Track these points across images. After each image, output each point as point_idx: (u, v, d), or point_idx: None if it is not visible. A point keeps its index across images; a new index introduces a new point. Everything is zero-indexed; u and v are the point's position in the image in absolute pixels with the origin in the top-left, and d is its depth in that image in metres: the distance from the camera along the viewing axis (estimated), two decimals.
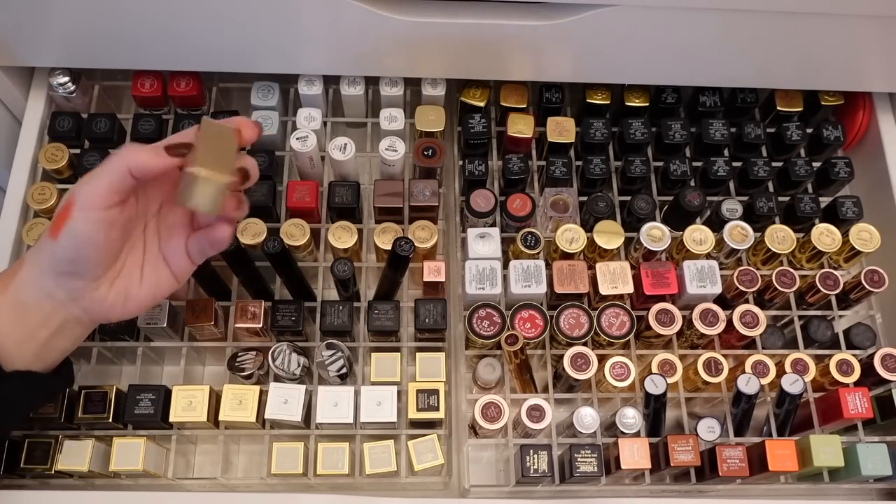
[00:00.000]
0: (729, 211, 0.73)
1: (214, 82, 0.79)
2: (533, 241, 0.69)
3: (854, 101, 0.79)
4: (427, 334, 0.68)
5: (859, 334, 0.71)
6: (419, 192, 0.71)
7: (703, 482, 0.64)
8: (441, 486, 0.67)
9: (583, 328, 0.66)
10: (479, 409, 0.63)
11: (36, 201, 0.69)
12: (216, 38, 0.67)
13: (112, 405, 0.62)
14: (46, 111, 0.75)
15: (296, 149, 0.70)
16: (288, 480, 0.63)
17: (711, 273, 0.68)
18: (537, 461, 0.61)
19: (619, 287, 0.68)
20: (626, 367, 0.65)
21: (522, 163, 0.73)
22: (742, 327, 0.66)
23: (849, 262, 0.73)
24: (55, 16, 0.65)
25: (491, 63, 0.71)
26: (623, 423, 0.63)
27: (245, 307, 0.65)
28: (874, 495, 0.69)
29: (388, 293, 0.68)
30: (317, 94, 0.75)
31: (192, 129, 0.49)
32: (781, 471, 0.61)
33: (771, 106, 0.78)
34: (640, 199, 0.72)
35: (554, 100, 0.77)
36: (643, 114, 0.77)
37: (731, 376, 0.67)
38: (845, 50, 0.68)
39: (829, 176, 0.75)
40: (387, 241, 0.69)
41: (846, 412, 0.63)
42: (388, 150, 0.71)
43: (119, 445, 0.62)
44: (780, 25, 0.64)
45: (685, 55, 0.69)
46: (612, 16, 0.62)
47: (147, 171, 0.47)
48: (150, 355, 0.69)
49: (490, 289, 0.67)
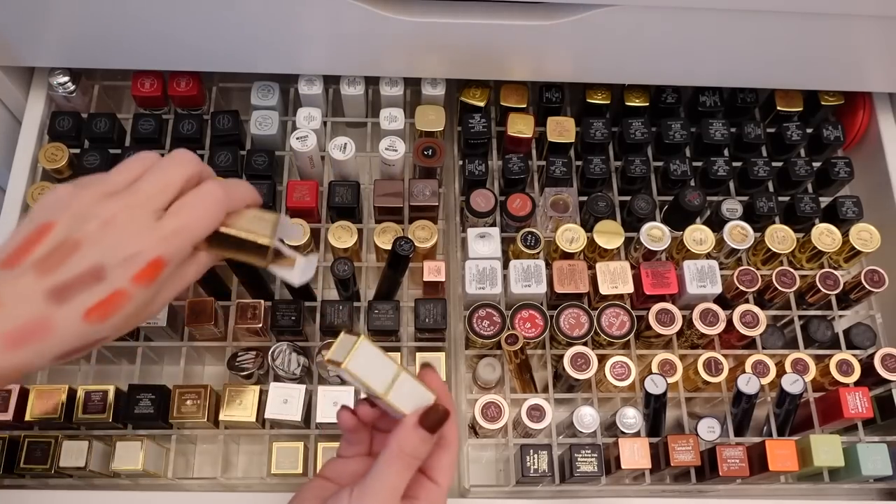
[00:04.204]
0: (729, 211, 0.73)
1: (214, 82, 0.79)
2: (533, 241, 0.69)
3: (854, 101, 0.79)
4: (427, 334, 0.68)
5: (859, 334, 0.71)
6: (419, 192, 0.71)
7: (703, 482, 0.64)
8: None
9: (583, 328, 0.66)
10: (479, 408, 0.63)
11: (36, 201, 0.69)
12: (216, 38, 0.67)
13: (112, 405, 0.62)
14: (46, 111, 0.75)
15: (296, 149, 0.70)
16: (288, 480, 0.63)
17: (711, 273, 0.68)
18: (537, 461, 0.61)
19: (619, 287, 0.67)
20: (626, 367, 0.65)
21: (522, 163, 0.73)
22: (742, 327, 0.66)
23: (849, 262, 0.73)
24: (55, 16, 0.65)
25: (491, 63, 0.71)
26: (623, 423, 0.63)
27: (245, 307, 0.65)
28: (874, 495, 0.69)
29: (388, 293, 0.68)
30: (317, 94, 0.75)
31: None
32: (781, 471, 0.61)
33: (771, 106, 0.78)
34: (640, 199, 0.72)
35: (554, 100, 0.77)
36: (643, 114, 0.77)
37: (731, 376, 0.66)
38: (845, 50, 0.68)
39: (829, 176, 0.75)
40: (387, 240, 0.69)
41: (846, 412, 0.63)
42: (388, 149, 0.71)
43: (119, 445, 0.62)
44: (780, 25, 0.64)
45: (685, 55, 0.69)
46: (612, 16, 0.62)
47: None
48: (149, 355, 0.69)
49: (490, 289, 0.67)
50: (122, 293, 0.38)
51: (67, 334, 0.37)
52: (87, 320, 0.37)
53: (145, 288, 0.39)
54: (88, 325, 0.37)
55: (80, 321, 0.37)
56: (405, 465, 0.40)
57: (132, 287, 0.38)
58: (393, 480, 0.40)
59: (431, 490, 0.42)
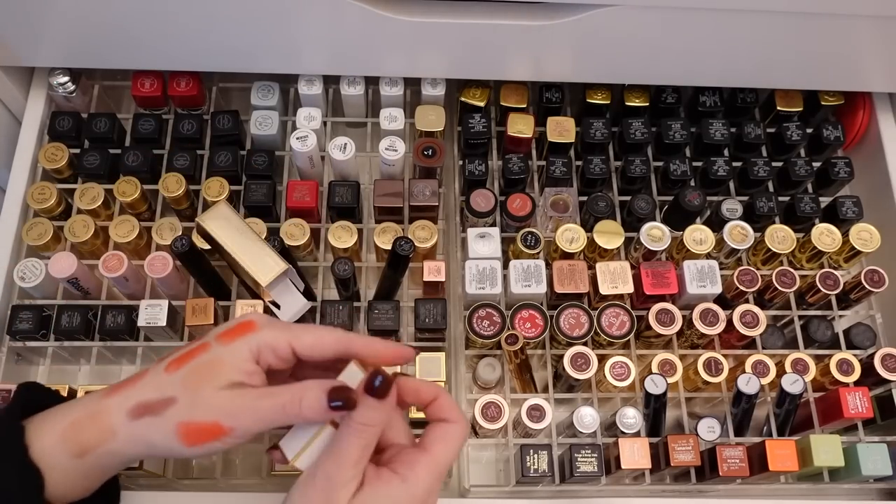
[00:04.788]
0: (729, 211, 0.73)
1: (214, 82, 0.79)
2: (533, 241, 0.69)
3: (854, 101, 0.79)
4: (427, 334, 0.68)
5: (859, 334, 0.71)
6: (419, 192, 0.71)
7: (703, 482, 0.64)
8: (441, 486, 0.67)
9: (583, 328, 0.66)
10: (479, 408, 0.63)
11: (36, 201, 0.69)
12: (216, 38, 0.67)
13: None
14: (46, 111, 0.75)
15: (296, 149, 0.70)
16: (288, 481, 0.63)
17: (711, 273, 0.68)
18: (537, 461, 0.61)
19: (619, 287, 0.67)
20: (626, 367, 0.65)
21: (522, 163, 0.73)
22: (742, 327, 0.66)
23: (849, 262, 0.73)
24: (55, 16, 0.65)
25: (491, 63, 0.71)
26: (623, 423, 0.63)
27: (245, 307, 0.65)
28: (874, 495, 0.69)
29: (388, 293, 0.68)
30: (317, 94, 0.75)
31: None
32: (781, 471, 0.61)
33: (771, 106, 0.78)
34: (640, 199, 0.72)
35: (554, 100, 0.77)
36: (643, 114, 0.77)
37: (731, 376, 0.66)
38: (845, 50, 0.68)
39: (829, 176, 0.75)
40: (387, 240, 0.69)
41: (846, 412, 0.63)
42: (388, 149, 0.71)
43: None
44: (780, 25, 0.64)
45: (685, 55, 0.69)
46: (612, 16, 0.62)
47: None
48: (149, 355, 0.69)
49: (490, 289, 0.67)
50: (211, 433, 0.41)
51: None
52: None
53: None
54: (184, 447, 0.41)
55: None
56: (355, 433, 0.41)
57: (218, 433, 0.41)
58: (346, 447, 0.41)
59: (414, 454, 0.43)
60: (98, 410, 0.42)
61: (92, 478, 0.43)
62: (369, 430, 0.41)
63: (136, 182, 0.70)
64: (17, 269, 0.66)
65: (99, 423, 0.41)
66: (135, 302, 0.68)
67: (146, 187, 0.71)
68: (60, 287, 0.68)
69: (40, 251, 0.69)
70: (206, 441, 0.41)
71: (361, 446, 0.41)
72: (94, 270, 0.68)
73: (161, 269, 0.66)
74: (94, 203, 0.70)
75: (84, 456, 0.41)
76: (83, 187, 0.70)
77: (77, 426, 0.42)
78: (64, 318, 0.66)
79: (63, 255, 0.65)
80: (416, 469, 0.42)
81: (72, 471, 0.41)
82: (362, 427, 0.41)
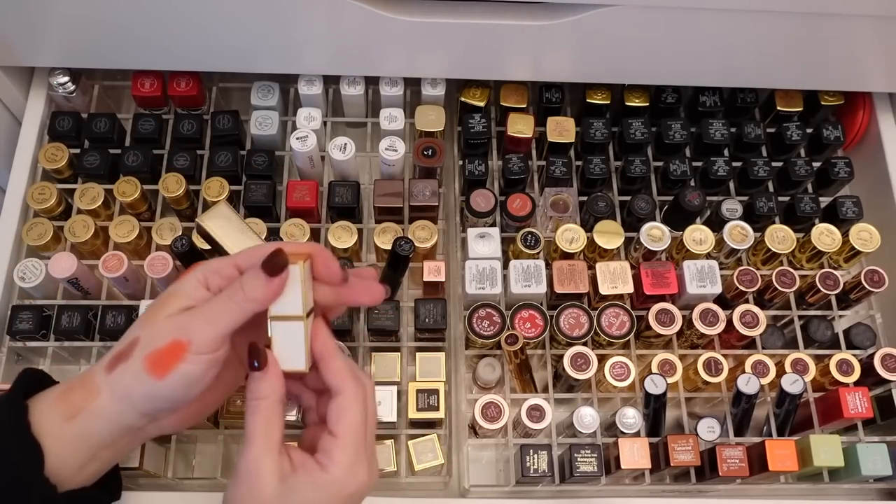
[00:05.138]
0: (729, 211, 0.73)
1: (214, 82, 0.79)
2: (533, 241, 0.69)
3: (854, 101, 0.79)
4: (427, 334, 0.68)
5: (859, 334, 0.71)
6: (419, 192, 0.71)
7: (703, 482, 0.64)
8: (441, 486, 0.67)
9: (583, 328, 0.66)
10: (479, 408, 0.63)
11: (36, 201, 0.69)
12: (216, 38, 0.67)
13: None
14: (46, 111, 0.75)
15: (296, 149, 0.70)
16: None
17: (711, 273, 0.68)
18: (537, 461, 0.61)
19: (619, 287, 0.67)
20: (626, 367, 0.65)
21: (522, 163, 0.73)
22: (742, 327, 0.66)
23: (849, 262, 0.73)
24: (55, 16, 0.65)
25: (491, 63, 0.71)
26: (623, 423, 0.63)
27: None
28: (874, 495, 0.69)
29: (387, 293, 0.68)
30: (317, 94, 0.75)
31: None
32: (781, 471, 0.61)
33: (771, 106, 0.78)
34: (640, 199, 0.72)
35: (554, 100, 0.77)
36: (643, 114, 0.77)
37: (731, 376, 0.67)
38: (845, 50, 0.68)
39: (829, 176, 0.75)
40: (387, 241, 0.69)
41: (846, 412, 0.63)
42: (388, 149, 0.71)
43: None
44: (780, 25, 0.64)
45: (685, 55, 0.69)
46: (612, 16, 0.62)
47: (264, 306, 0.43)
48: None
49: (490, 289, 0.67)
50: (172, 354, 0.42)
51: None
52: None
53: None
54: (155, 380, 0.42)
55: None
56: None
57: (180, 352, 0.42)
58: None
59: (327, 440, 0.44)
60: (86, 374, 0.44)
61: (83, 451, 0.43)
62: (262, 402, 0.43)
63: (136, 182, 0.70)
64: (17, 269, 0.66)
65: (86, 384, 0.43)
66: (135, 302, 0.68)
67: (146, 187, 0.71)
68: (60, 287, 0.68)
69: (40, 251, 0.69)
70: (172, 365, 0.41)
71: (263, 419, 0.42)
72: (94, 270, 0.68)
73: (161, 269, 0.66)
74: (94, 203, 0.70)
75: (75, 418, 0.42)
76: (83, 187, 0.70)
77: (69, 390, 0.44)
78: (64, 319, 0.66)
79: (63, 256, 0.65)
80: (332, 455, 0.43)
81: (64, 437, 0.42)
82: (256, 401, 0.43)
